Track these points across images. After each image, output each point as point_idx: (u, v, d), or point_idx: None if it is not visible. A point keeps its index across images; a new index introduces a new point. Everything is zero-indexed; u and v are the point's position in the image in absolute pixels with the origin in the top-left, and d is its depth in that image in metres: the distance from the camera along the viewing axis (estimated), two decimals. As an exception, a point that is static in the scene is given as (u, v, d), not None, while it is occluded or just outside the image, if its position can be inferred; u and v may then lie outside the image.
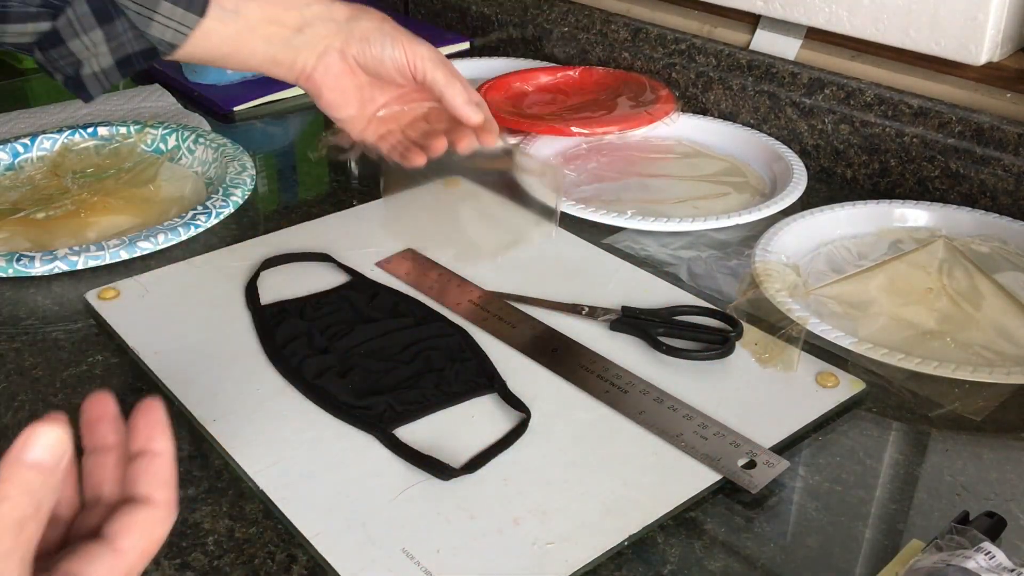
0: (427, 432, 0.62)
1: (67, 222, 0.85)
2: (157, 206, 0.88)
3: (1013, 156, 0.85)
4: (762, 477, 0.58)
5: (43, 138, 0.96)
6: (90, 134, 0.98)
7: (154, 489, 0.41)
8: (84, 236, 0.83)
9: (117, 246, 0.77)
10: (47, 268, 0.76)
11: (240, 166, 0.91)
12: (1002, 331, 0.71)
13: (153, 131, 0.98)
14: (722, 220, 0.85)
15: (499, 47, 1.28)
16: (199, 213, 0.82)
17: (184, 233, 0.80)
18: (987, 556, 0.48)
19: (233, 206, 0.85)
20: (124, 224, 0.85)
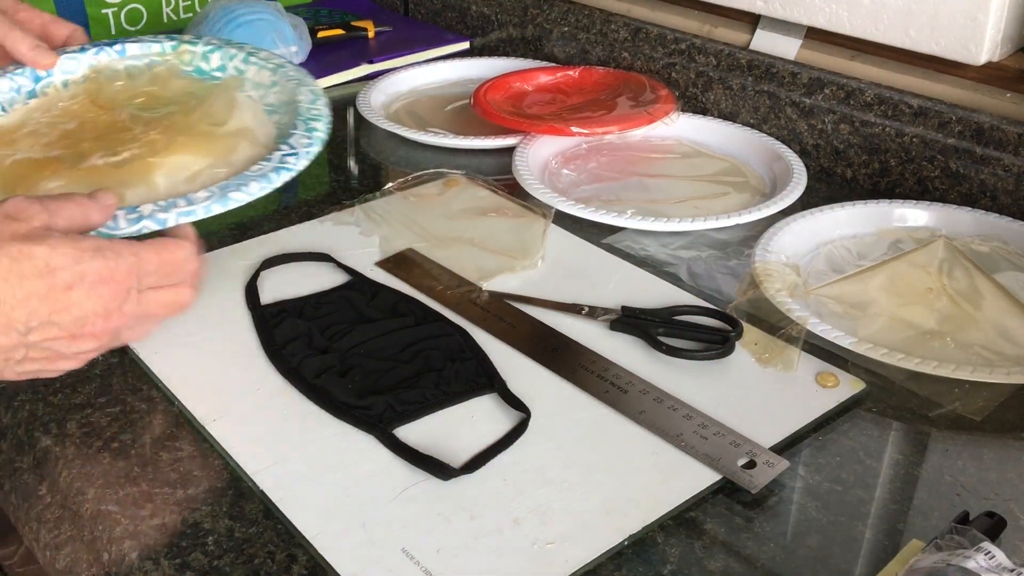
0: (427, 432, 0.62)
1: (129, 168, 0.72)
2: (223, 141, 0.74)
3: (1013, 156, 0.85)
4: (762, 477, 0.58)
5: (65, 58, 0.81)
6: (119, 53, 0.83)
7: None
8: (152, 182, 0.70)
9: (207, 199, 0.65)
10: (135, 228, 0.63)
11: (311, 93, 0.76)
12: (1002, 331, 0.71)
13: (191, 48, 0.83)
14: (722, 220, 0.85)
15: (499, 47, 1.28)
16: (287, 154, 0.69)
17: (276, 179, 0.68)
18: (987, 556, 0.48)
19: (319, 143, 0.71)
20: (192, 165, 0.72)
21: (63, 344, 0.54)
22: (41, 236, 0.52)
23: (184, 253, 0.59)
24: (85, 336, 0.54)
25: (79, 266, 0.53)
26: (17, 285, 0.51)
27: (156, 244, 0.57)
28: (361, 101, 1.09)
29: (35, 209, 0.54)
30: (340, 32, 1.27)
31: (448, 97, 1.15)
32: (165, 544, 0.55)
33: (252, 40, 1.14)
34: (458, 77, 1.20)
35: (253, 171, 0.67)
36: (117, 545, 0.55)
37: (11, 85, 0.79)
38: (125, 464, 0.60)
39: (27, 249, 0.51)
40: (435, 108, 1.13)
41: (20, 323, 0.52)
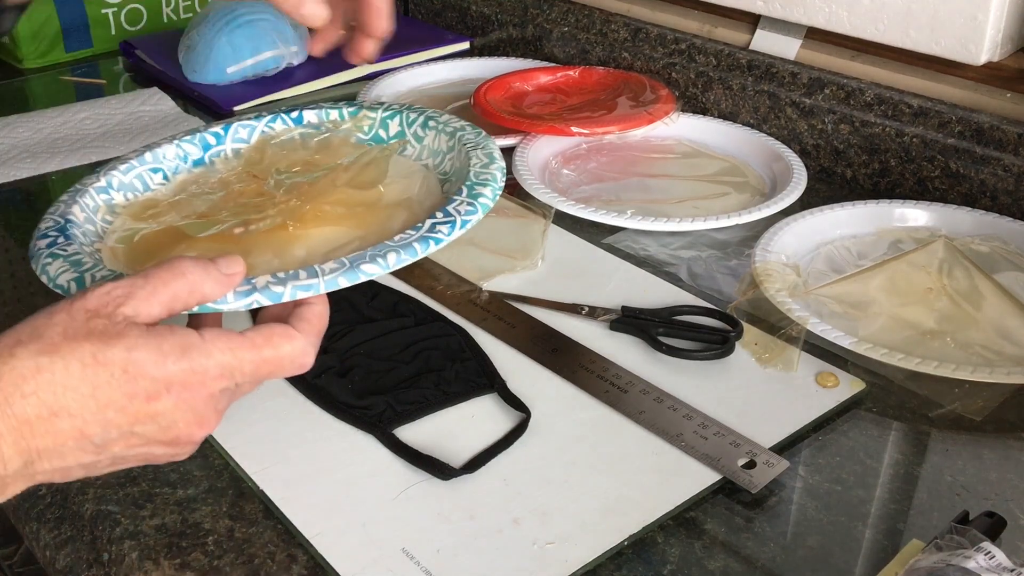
0: (427, 432, 0.62)
1: (269, 236, 0.63)
2: (380, 212, 0.65)
3: (1013, 156, 0.85)
4: (762, 477, 0.58)
5: (238, 126, 0.74)
6: (294, 120, 0.75)
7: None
8: (290, 254, 0.61)
9: (335, 271, 0.54)
10: (243, 303, 0.52)
11: (485, 156, 0.67)
12: (1002, 331, 0.71)
13: (371, 114, 0.75)
14: (722, 220, 0.85)
15: (499, 47, 1.28)
16: (440, 222, 0.58)
17: (421, 250, 0.56)
18: (987, 556, 0.48)
19: (483, 210, 0.61)
20: (340, 238, 0.63)
21: (153, 448, 0.47)
22: (119, 335, 0.44)
23: (293, 348, 0.49)
24: (178, 442, 0.47)
25: (162, 371, 0.45)
26: (90, 396, 0.43)
27: (260, 337, 0.48)
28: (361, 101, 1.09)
29: (119, 299, 0.45)
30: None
31: (448, 97, 1.15)
32: (165, 544, 0.55)
33: (252, 40, 1.14)
34: (458, 77, 1.20)
35: (395, 240, 0.56)
36: (117, 545, 0.55)
37: (177, 152, 0.71)
38: (125, 464, 0.60)
39: (102, 353, 0.44)
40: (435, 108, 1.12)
41: (96, 436, 0.44)
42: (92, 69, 1.26)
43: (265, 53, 1.15)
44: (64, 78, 1.24)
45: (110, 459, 0.46)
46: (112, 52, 1.30)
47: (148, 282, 0.46)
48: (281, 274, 0.53)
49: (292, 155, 0.73)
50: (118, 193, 0.67)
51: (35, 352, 0.43)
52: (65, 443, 0.43)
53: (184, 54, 1.17)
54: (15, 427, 0.42)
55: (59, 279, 0.53)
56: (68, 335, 0.44)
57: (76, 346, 0.43)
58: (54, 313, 0.45)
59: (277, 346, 0.49)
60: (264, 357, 0.48)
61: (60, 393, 0.43)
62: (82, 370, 0.43)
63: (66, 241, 0.57)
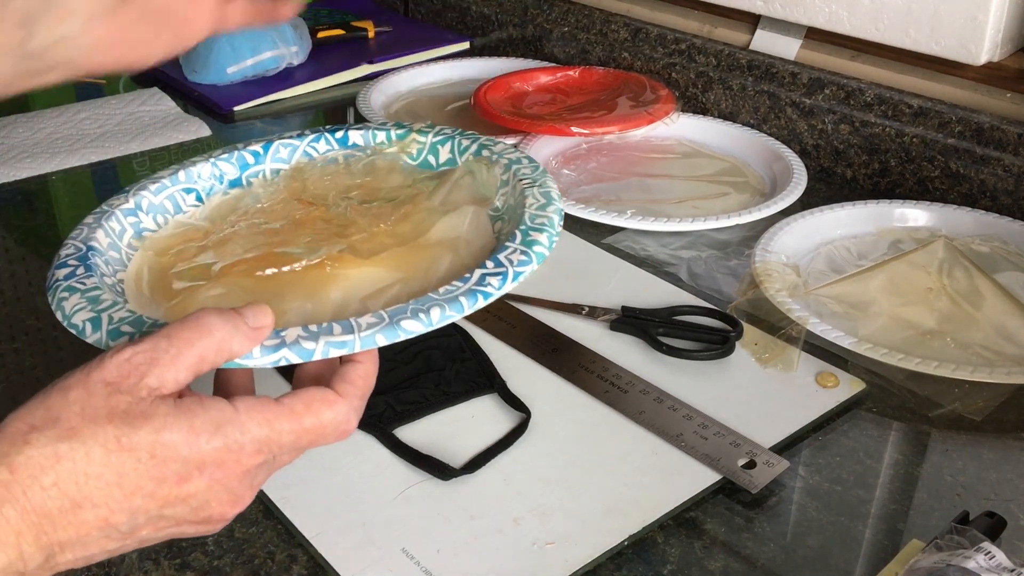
0: (427, 432, 0.62)
1: (303, 275, 0.57)
2: (424, 252, 0.59)
3: (1013, 156, 0.85)
4: (762, 477, 0.58)
5: (279, 144, 0.68)
6: (339, 141, 0.69)
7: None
8: (325, 296, 0.56)
9: (372, 327, 0.49)
10: (270, 359, 0.46)
11: (543, 196, 0.59)
12: (1002, 331, 0.71)
13: (421, 138, 0.68)
14: (722, 220, 0.85)
15: (499, 47, 1.28)
16: (490, 274, 0.52)
17: (468, 306, 0.51)
18: (987, 556, 0.48)
19: (538, 260, 0.54)
20: (379, 280, 0.57)
21: (184, 528, 0.44)
22: (144, 415, 0.40)
23: (335, 415, 0.45)
24: (211, 521, 0.44)
25: (194, 451, 0.41)
26: (116, 484, 0.40)
27: (300, 404, 0.44)
28: (361, 101, 1.09)
29: (142, 371, 0.41)
30: (340, 32, 1.27)
31: (448, 97, 1.15)
32: (165, 544, 0.55)
33: (252, 40, 1.14)
34: (458, 77, 1.20)
35: (440, 293, 0.51)
36: (117, 545, 0.55)
37: (213, 172, 0.66)
38: (125, 464, 0.60)
39: (127, 437, 0.40)
40: (435, 108, 1.13)
41: (123, 525, 0.41)
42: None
43: (265, 53, 1.15)
44: (64, 78, 1.24)
45: (137, 542, 0.43)
46: (112, 52, 1.29)
47: (172, 344, 0.42)
48: (313, 327, 0.48)
49: (336, 180, 0.67)
50: (147, 216, 0.61)
51: (53, 438, 0.39)
52: (89, 533, 0.40)
53: (184, 54, 1.17)
54: (35, 523, 0.39)
55: (74, 318, 0.49)
56: (88, 416, 0.40)
57: (98, 429, 0.40)
58: (69, 389, 0.41)
59: (318, 413, 0.44)
60: (305, 427, 0.44)
61: (83, 483, 0.39)
62: (106, 456, 0.40)
63: (86, 272, 0.53)
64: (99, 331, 0.48)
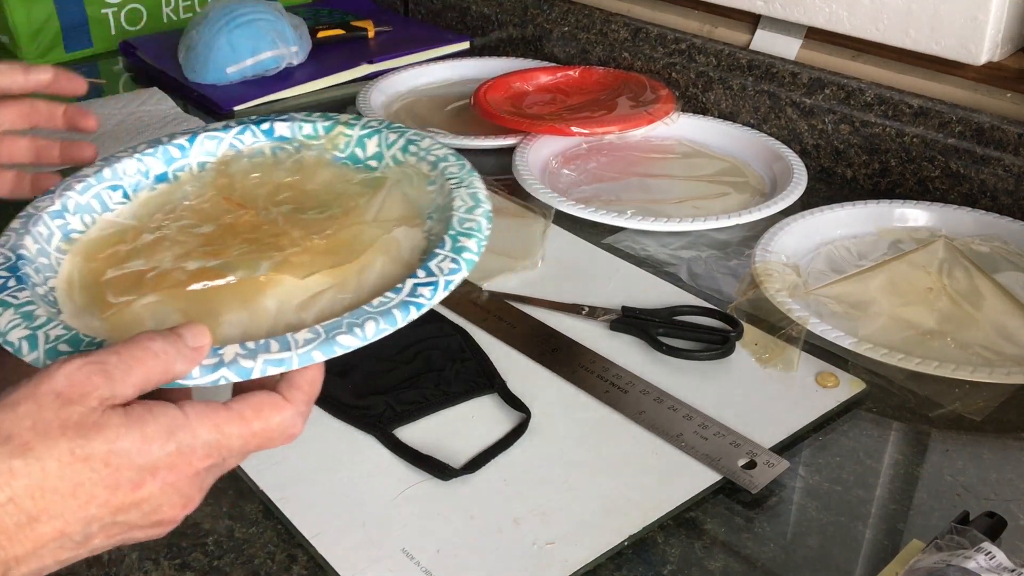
0: (427, 432, 0.62)
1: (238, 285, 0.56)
2: (356, 256, 0.58)
3: (1013, 156, 0.85)
4: (762, 477, 0.58)
5: (205, 137, 0.67)
6: (265, 133, 0.68)
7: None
8: (260, 306, 0.55)
9: (309, 343, 0.49)
10: (210, 378, 0.47)
11: (470, 198, 0.58)
12: (1002, 331, 0.71)
13: (347, 131, 0.67)
14: (722, 220, 0.85)
15: (499, 47, 1.28)
16: (421, 283, 0.52)
17: (402, 318, 0.51)
18: (987, 556, 0.48)
19: (467, 267, 0.53)
20: (312, 286, 0.56)
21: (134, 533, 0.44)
22: (97, 425, 0.41)
23: (283, 419, 0.46)
24: (161, 524, 0.44)
25: (147, 459, 0.42)
26: (71, 495, 0.40)
27: (248, 410, 0.45)
28: (361, 101, 1.09)
29: (93, 381, 0.41)
30: (340, 32, 1.27)
31: (448, 97, 1.15)
32: (165, 544, 0.55)
33: (252, 40, 1.14)
34: (458, 77, 1.20)
35: (374, 306, 0.52)
36: (117, 545, 0.55)
37: (139, 167, 0.65)
38: (125, 464, 0.60)
39: (81, 449, 0.40)
40: (435, 108, 1.13)
41: (77, 535, 0.41)
42: (92, 69, 1.26)
43: (265, 53, 1.15)
44: (64, 78, 1.24)
45: (88, 551, 0.43)
46: (112, 52, 1.30)
47: (121, 359, 0.43)
48: (251, 345, 0.49)
49: (266, 176, 0.67)
50: (74, 217, 0.60)
51: (6, 455, 0.39)
52: (45, 546, 0.40)
53: (184, 54, 1.17)
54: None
55: (10, 335, 0.48)
56: (40, 430, 0.40)
57: (52, 443, 0.40)
58: (18, 404, 0.40)
59: (267, 418, 0.45)
60: (253, 431, 0.45)
61: (39, 497, 0.39)
62: (60, 469, 0.40)
63: (18, 285, 0.51)
64: (36, 351, 0.47)
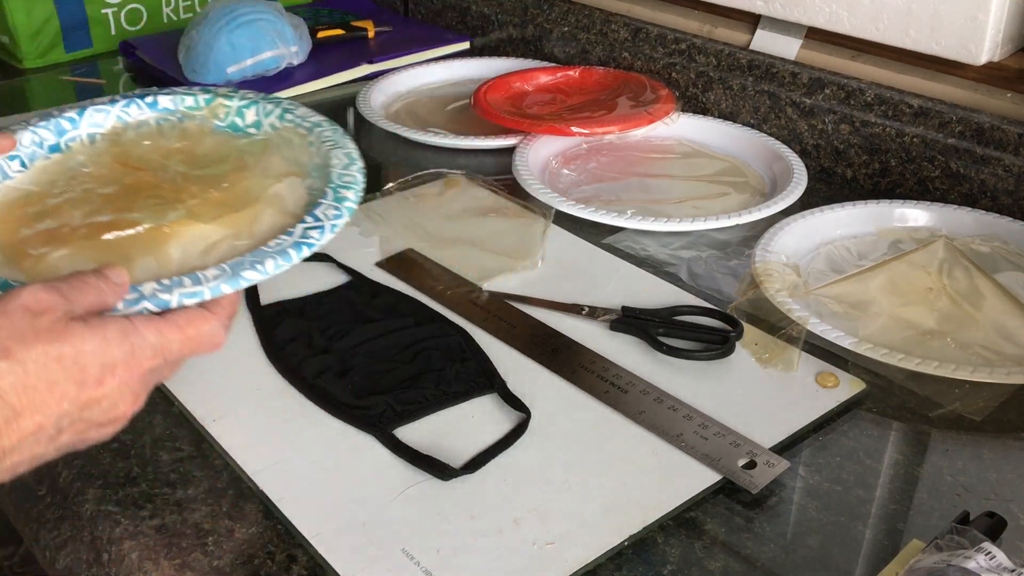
0: (427, 432, 0.62)
1: (143, 236, 0.64)
2: (247, 209, 0.67)
3: (1013, 156, 0.85)
4: (762, 477, 0.58)
5: (93, 110, 0.74)
6: (149, 105, 0.75)
7: None
8: (166, 254, 0.63)
9: (218, 278, 0.57)
10: (133, 310, 0.54)
11: (345, 156, 0.68)
12: (1002, 331, 0.71)
13: (227, 103, 0.75)
14: (722, 220, 0.85)
15: (499, 47, 1.28)
16: (311, 227, 0.61)
17: (296, 256, 0.59)
18: (987, 556, 0.48)
19: (348, 213, 0.62)
20: (211, 235, 0.64)
21: (92, 431, 0.51)
22: (64, 332, 0.48)
23: (210, 327, 0.54)
24: (116, 421, 0.51)
25: (107, 356, 0.49)
26: (47, 392, 0.46)
27: (181, 319, 0.53)
28: (361, 101, 1.09)
29: (54, 298, 0.48)
30: (340, 32, 1.27)
31: (448, 97, 1.15)
32: (165, 544, 0.55)
33: (252, 40, 1.14)
34: (458, 77, 1.20)
35: (271, 247, 0.60)
36: (117, 545, 0.55)
37: (33, 139, 0.70)
38: (125, 464, 0.60)
39: (53, 350, 0.47)
40: (435, 108, 1.13)
41: (51, 428, 0.47)
42: (92, 69, 1.26)
43: (265, 53, 1.15)
44: (64, 78, 1.24)
45: (55, 449, 0.48)
46: (112, 52, 1.29)
47: (71, 286, 0.50)
48: (167, 281, 0.56)
49: (161, 145, 0.73)
50: None
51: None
52: (24, 439, 0.46)
53: (184, 54, 1.17)
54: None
55: None
56: (16, 338, 0.46)
57: (29, 347, 0.46)
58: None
59: (198, 326, 0.53)
60: (188, 336, 0.52)
61: (22, 394, 0.45)
62: (37, 369, 0.46)
63: None
64: None
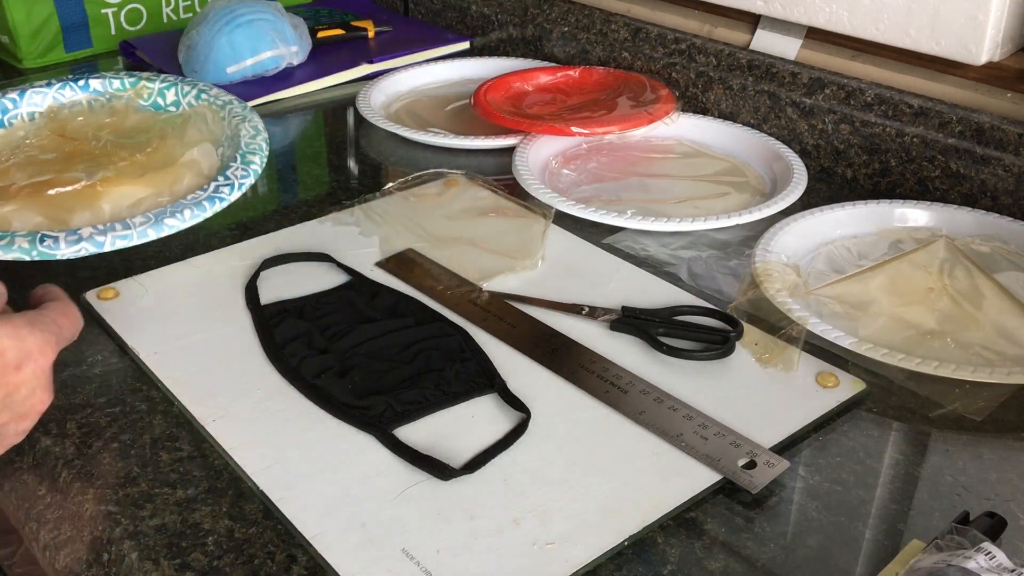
0: (427, 432, 0.62)
1: (79, 193, 0.79)
2: (169, 172, 0.83)
3: (1013, 156, 0.85)
4: (762, 477, 0.58)
5: (32, 92, 0.90)
6: (82, 88, 0.92)
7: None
8: (99, 209, 0.78)
9: (143, 224, 0.72)
10: (73, 250, 0.70)
11: (252, 128, 0.84)
12: (1002, 331, 0.71)
13: (150, 85, 0.92)
14: (722, 220, 0.85)
15: (499, 47, 1.28)
16: (222, 185, 0.77)
17: (210, 208, 0.76)
18: (987, 556, 0.48)
19: (254, 175, 0.80)
20: (137, 194, 0.80)
21: (12, 427, 0.53)
22: None
23: (75, 311, 0.59)
24: (31, 413, 0.53)
25: (22, 343, 0.51)
26: None
27: (59, 307, 0.57)
28: (361, 101, 1.09)
29: None
30: (340, 32, 1.27)
31: (448, 97, 1.15)
32: (165, 544, 0.55)
33: (252, 40, 1.14)
34: (458, 77, 1.20)
35: (189, 199, 0.75)
36: (117, 545, 0.55)
37: None
38: (125, 464, 0.60)
39: None
40: (435, 108, 1.13)
41: None
42: (92, 69, 1.26)
43: (265, 53, 1.15)
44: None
45: None
46: (112, 52, 1.29)
47: None
48: (101, 226, 0.71)
49: (88, 119, 0.88)
50: None
51: None
52: None
53: (184, 54, 1.17)
54: None
55: None
56: None
57: None
58: None
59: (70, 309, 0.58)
60: (71, 320, 0.56)
61: None
62: None
63: None
64: None
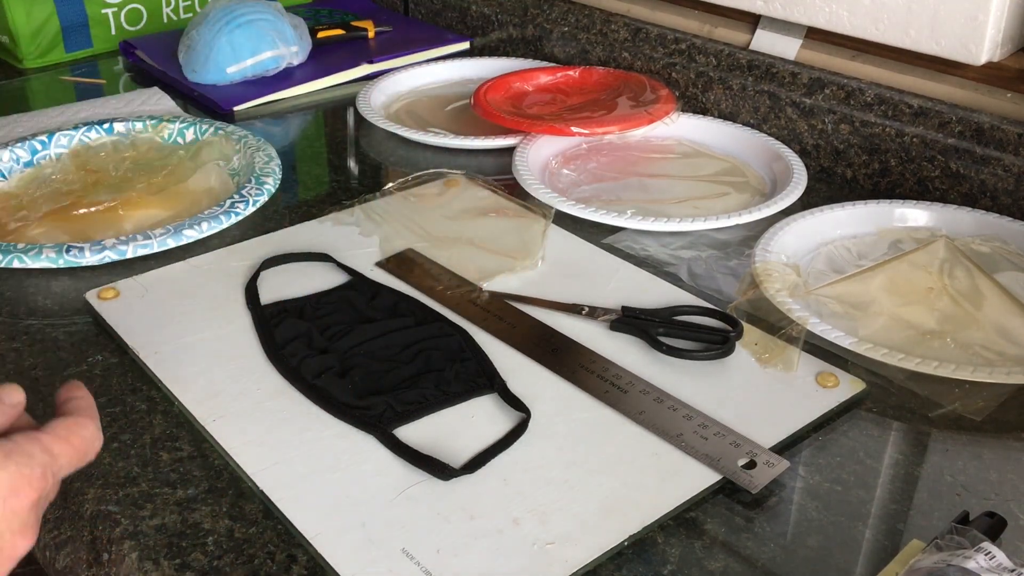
0: (427, 432, 0.62)
1: (103, 216, 0.87)
2: (188, 198, 0.90)
3: (1013, 156, 0.85)
4: (762, 477, 0.58)
5: (60, 135, 0.97)
6: (106, 131, 0.99)
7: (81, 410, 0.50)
8: (122, 228, 0.86)
9: (164, 235, 0.80)
10: (98, 258, 0.78)
11: (266, 156, 0.93)
12: (1002, 331, 0.71)
13: (170, 125, 1.00)
14: (722, 220, 0.85)
15: (499, 47, 1.28)
16: (237, 202, 0.85)
17: (226, 221, 0.83)
18: (987, 556, 0.48)
19: (267, 193, 0.88)
20: (159, 216, 0.87)
21: None
22: None
23: (90, 432, 0.50)
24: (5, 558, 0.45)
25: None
26: None
27: (63, 429, 0.48)
28: (361, 101, 1.09)
29: None
30: (340, 32, 1.27)
31: (448, 97, 1.15)
32: (165, 544, 0.55)
33: (252, 40, 1.14)
34: (458, 77, 1.20)
35: (207, 213, 0.83)
36: (117, 545, 0.55)
37: (11, 156, 0.94)
38: (125, 464, 0.60)
39: None
40: (435, 108, 1.13)
41: None
42: (92, 69, 1.26)
43: (265, 53, 1.15)
44: (64, 78, 1.24)
45: None
46: (112, 52, 1.29)
47: None
48: (124, 238, 0.79)
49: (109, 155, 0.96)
50: None
51: None
52: None
53: (184, 54, 1.17)
54: None
55: None
56: None
57: None
58: None
59: (80, 432, 0.48)
60: (74, 445, 0.47)
61: None
62: None
63: None
64: None
